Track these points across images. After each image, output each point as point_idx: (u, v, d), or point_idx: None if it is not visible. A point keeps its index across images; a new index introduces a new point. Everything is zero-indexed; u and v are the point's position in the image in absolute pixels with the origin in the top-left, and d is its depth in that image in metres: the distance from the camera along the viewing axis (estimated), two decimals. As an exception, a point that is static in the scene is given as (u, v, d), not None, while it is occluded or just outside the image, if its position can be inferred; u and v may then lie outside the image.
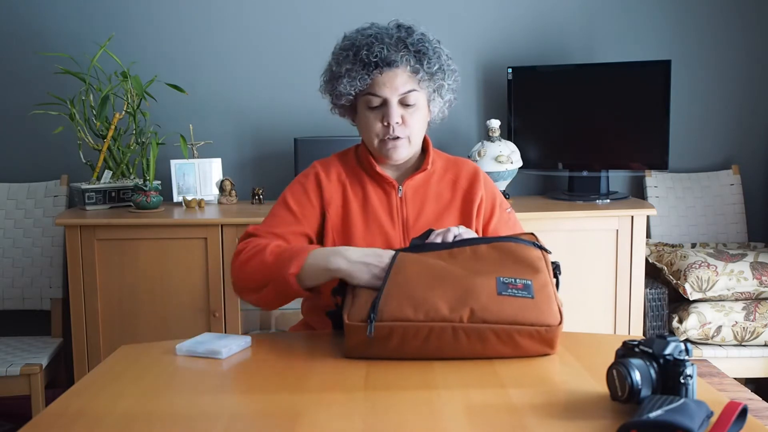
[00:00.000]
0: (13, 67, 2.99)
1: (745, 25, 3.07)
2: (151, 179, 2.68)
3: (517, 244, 1.36)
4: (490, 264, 1.31)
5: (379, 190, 1.60)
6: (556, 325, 1.24)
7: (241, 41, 3.02)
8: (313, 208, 1.58)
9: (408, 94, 1.53)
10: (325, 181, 1.60)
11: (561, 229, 2.64)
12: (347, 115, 1.65)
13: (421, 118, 1.58)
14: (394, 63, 1.50)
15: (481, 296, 1.24)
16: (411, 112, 1.55)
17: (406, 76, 1.52)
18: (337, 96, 1.57)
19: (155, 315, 2.59)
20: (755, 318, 2.60)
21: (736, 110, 3.12)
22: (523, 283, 1.27)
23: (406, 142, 1.56)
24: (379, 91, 1.52)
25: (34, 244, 2.86)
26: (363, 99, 1.55)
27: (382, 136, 1.55)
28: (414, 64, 1.52)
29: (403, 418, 1.04)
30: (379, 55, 1.49)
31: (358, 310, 1.26)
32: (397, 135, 1.54)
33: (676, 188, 3.04)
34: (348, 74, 1.52)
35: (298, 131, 2.96)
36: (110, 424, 1.04)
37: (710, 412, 0.96)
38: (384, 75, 1.51)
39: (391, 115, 1.52)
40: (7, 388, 2.44)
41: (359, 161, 1.64)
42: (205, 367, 1.29)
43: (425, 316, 1.23)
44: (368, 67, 1.50)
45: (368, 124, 1.56)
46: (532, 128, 2.95)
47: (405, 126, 1.54)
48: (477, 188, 1.63)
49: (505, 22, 3.05)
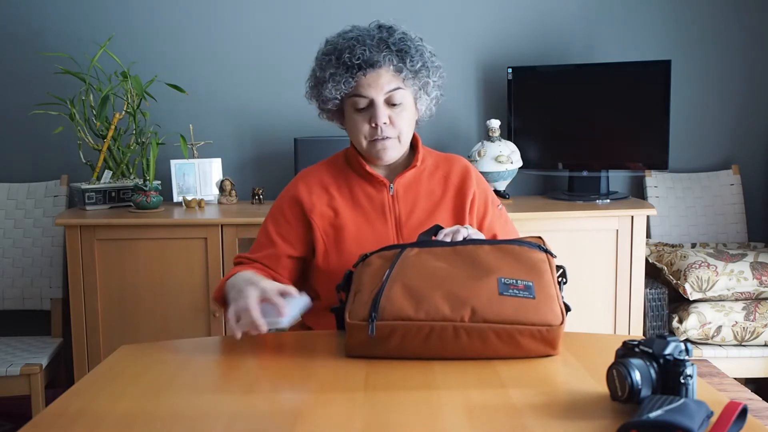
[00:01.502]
0: (13, 67, 2.99)
1: (745, 25, 3.07)
2: (151, 179, 2.68)
3: (522, 247, 1.35)
4: (493, 265, 1.31)
5: (370, 189, 1.62)
6: (558, 325, 1.23)
7: (241, 41, 3.02)
8: (291, 225, 1.62)
9: (393, 93, 1.54)
10: (304, 193, 1.62)
11: (561, 229, 2.64)
12: (335, 119, 1.67)
13: (409, 116, 1.58)
14: (377, 63, 1.52)
15: (482, 296, 1.24)
16: (398, 112, 1.55)
17: (389, 75, 1.53)
18: (324, 101, 1.59)
19: (155, 315, 2.59)
20: (755, 318, 2.60)
21: (736, 110, 3.12)
22: (524, 284, 1.27)
23: (395, 142, 1.57)
24: (365, 92, 1.53)
25: (34, 244, 2.86)
26: (349, 101, 1.56)
27: (371, 138, 1.56)
28: (397, 63, 1.53)
29: (403, 419, 1.04)
30: (361, 57, 1.50)
31: (359, 309, 1.26)
32: (386, 135, 1.55)
33: (676, 188, 3.04)
34: (332, 78, 1.53)
35: (298, 131, 2.96)
36: (110, 424, 1.04)
37: (710, 412, 0.96)
38: (368, 76, 1.52)
39: (378, 116, 1.53)
40: (7, 388, 2.44)
41: (349, 163, 1.65)
42: (205, 367, 1.29)
43: (426, 316, 1.23)
44: (351, 70, 1.52)
45: (356, 127, 1.57)
46: (532, 128, 2.95)
47: (393, 126, 1.55)
48: (469, 184, 1.64)
49: (505, 22, 3.05)
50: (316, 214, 1.60)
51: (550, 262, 1.34)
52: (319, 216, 1.60)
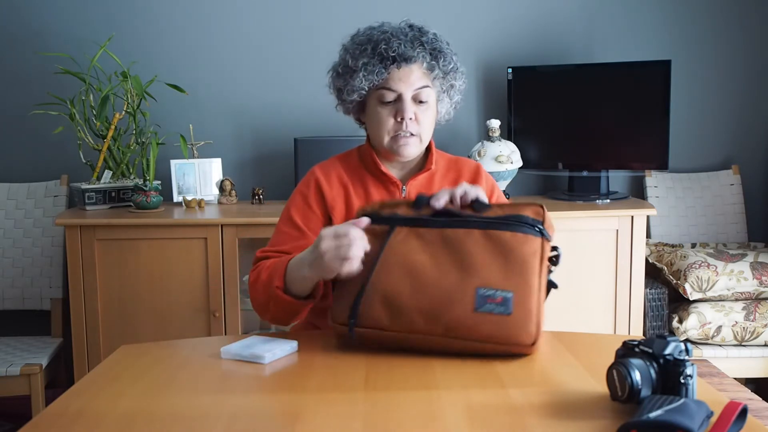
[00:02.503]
0: (13, 67, 2.99)
1: (745, 25, 3.07)
2: (151, 179, 2.68)
3: (514, 234, 1.29)
4: (478, 262, 1.27)
5: (382, 190, 1.61)
6: (529, 345, 1.24)
7: (241, 41, 3.02)
8: (318, 217, 1.58)
9: (421, 90, 1.54)
10: (326, 186, 1.60)
11: (561, 229, 2.60)
12: (353, 113, 1.64)
13: (432, 116, 1.59)
14: (412, 59, 1.52)
15: (458, 311, 1.24)
16: (423, 110, 1.56)
17: (421, 72, 1.54)
18: (349, 91, 1.56)
19: (155, 315, 2.59)
20: (755, 318, 2.60)
21: (736, 110, 3.12)
22: (502, 296, 1.24)
23: (417, 140, 1.57)
24: (394, 86, 1.53)
25: (34, 244, 2.86)
26: (375, 94, 1.55)
27: (394, 132, 1.55)
28: (430, 60, 1.54)
29: (403, 419, 1.04)
30: (397, 50, 1.50)
31: (340, 313, 1.30)
32: (410, 131, 1.54)
33: (676, 188, 3.04)
34: (365, 68, 1.52)
35: (298, 131, 2.96)
36: (110, 424, 1.04)
37: (710, 412, 0.96)
38: (401, 70, 1.52)
39: (406, 110, 1.53)
40: (7, 388, 2.44)
41: (363, 161, 1.64)
42: (205, 367, 1.29)
43: (400, 328, 1.27)
44: (386, 61, 1.51)
45: (380, 120, 1.56)
46: (532, 128, 2.95)
47: (417, 123, 1.55)
48: (479, 182, 1.64)
49: (505, 22, 3.05)
50: (336, 212, 1.58)
51: (543, 253, 1.29)
52: (338, 213, 1.58)
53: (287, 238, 1.56)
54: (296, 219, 1.58)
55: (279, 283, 1.39)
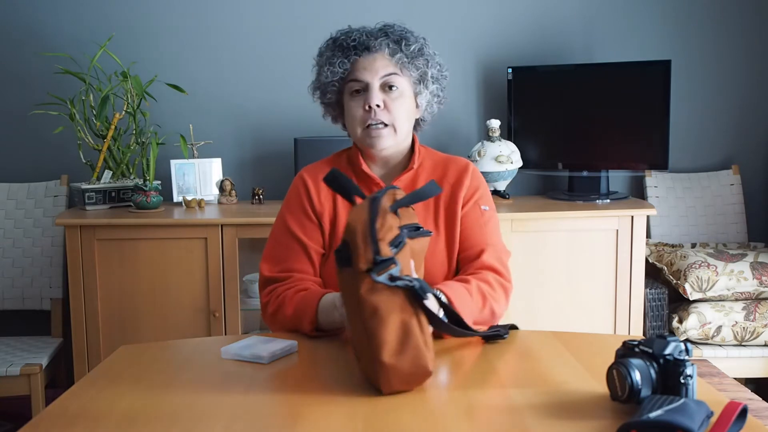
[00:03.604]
0: (13, 67, 2.99)
1: (745, 25, 3.07)
2: (151, 179, 2.68)
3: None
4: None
5: (365, 192, 1.60)
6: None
7: (241, 41, 3.02)
8: (314, 224, 1.60)
9: (389, 77, 1.54)
10: (314, 190, 1.61)
11: (561, 229, 2.64)
12: (339, 119, 1.66)
13: (406, 106, 1.57)
14: (373, 47, 1.54)
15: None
16: (394, 98, 1.54)
17: (385, 60, 1.54)
18: (323, 90, 1.60)
19: (155, 315, 2.59)
20: (755, 318, 2.60)
21: (736, 110, 3.12)
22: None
23: (390, 131, 1.55)
24: (360, 75, 1.54)
25: (34, 244, 2.86)
26: (346, 88, 1.57)
27: (365, 123, 1.55)
28: (392, 46, 1.54)
29: (404, 419, 1.04)
30: (357, 40, 1.54)
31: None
32: (380, 120, 1.53)
33: (676, 188, 3.04)
34: (329, 62, 1.56)
35: (298, 131, 2.96)
36: (110, 424, 1.04)
37: (710, 412, 0.96)
38: (363, 58, 1.54)
39: (372, 97, 1.53)
40: (7, 388, 2.44)
41: (350, 162, 1.64)
42: (205, 367, 1.29)
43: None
44: (347, 51, 1.54)
45: (351, 113, 1.57)
46: (532, 128, 2.95)
47: (388, 111, 1.54)
48: (463, 182, 1.60)
49: (505, 22, 3.05)
50: (325, 216, 1.59)
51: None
52: (326, 218, 1.59)
53: (290, 253, 1.57)
54: (295, 230, 1.58)
55: (310, 327, 1.43)
